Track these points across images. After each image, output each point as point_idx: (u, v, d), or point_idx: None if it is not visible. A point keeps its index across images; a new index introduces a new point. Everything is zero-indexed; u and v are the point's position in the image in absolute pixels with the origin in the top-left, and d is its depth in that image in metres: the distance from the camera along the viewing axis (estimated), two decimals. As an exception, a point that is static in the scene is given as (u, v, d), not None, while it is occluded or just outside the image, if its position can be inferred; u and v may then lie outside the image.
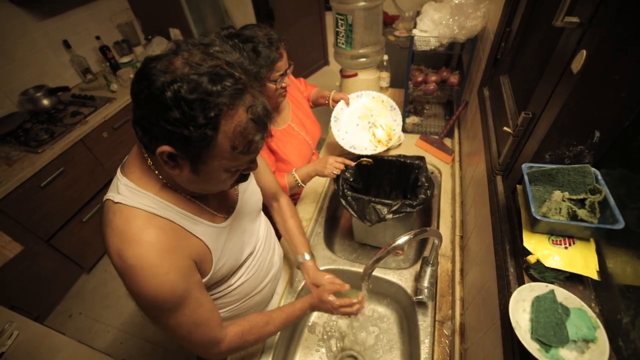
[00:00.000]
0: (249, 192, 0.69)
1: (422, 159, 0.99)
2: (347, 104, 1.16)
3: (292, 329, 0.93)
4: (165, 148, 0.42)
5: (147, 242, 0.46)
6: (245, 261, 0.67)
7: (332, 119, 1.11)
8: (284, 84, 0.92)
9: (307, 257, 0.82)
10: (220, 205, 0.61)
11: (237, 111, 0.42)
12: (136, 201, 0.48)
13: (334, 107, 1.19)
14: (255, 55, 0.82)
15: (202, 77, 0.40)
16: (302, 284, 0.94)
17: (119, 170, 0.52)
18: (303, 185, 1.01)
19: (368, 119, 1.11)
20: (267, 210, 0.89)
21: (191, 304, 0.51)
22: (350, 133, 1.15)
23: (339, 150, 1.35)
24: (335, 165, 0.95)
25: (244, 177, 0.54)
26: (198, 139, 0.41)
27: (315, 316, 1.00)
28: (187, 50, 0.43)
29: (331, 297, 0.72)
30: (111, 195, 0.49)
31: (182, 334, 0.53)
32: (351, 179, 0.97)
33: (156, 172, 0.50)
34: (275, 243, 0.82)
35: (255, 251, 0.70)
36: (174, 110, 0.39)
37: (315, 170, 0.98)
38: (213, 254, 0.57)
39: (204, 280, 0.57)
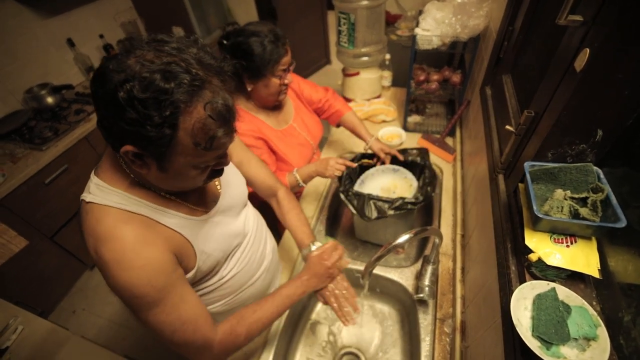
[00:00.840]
0: (233, 186, 0.68)
1: (424, 150, 0.98)
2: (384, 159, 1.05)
3: (294, 326, 0.93)
4: (129, 147, 0.42)
5: (121, 237, 0.47)
6: (234, 253, 0.66)
7: (359, 181, 1.02)
8: (286, 81, 0.93)
9: (314, 247, 0.76)
10: (200, 200, 0.60)
11: (196, 107, 0.42)
12: (106, 199, 0.49)
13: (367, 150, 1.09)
14: (262, 50, 0.83)
15: (154, 75, 0.39)
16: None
17: (92, 171, 0.53)
18: (304, 185, 1.01)
19: (389, 194, 1.02)
20: (263, 205, 0.88)
21: (173, 299, 0.50)
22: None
23: (339, 151, 1.36)
24: (336, 167, 0.95)
25: (217, 173, 0.54)
26: (157, 137, 0.41)
27: (316, 313, 1.00)
28: (140, 48, 0.42)
29: (316, 254, 0.69)
30: (84, 195, 0.50)
31: (166, 332, 0.51)
32: (352, 176, 0.98)
33: (128, 170, 0.50)
34: (267, 235, 0.81)
35: (245, 243, 0.69)
36: (130, 110, 0.39)
37: (317, 171, 0.98)
38: (195, 247, 0.56)
39: (191, 273, 0.56)
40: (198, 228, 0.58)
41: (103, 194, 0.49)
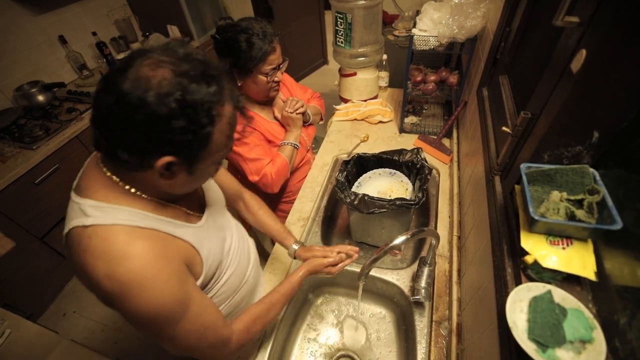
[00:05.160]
0: (211, 189, 0.70)
1: (418, 150, 0.98)
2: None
3: (289, 328, 0.92)
4: (166, 159, 0.42)
5: (137, 255, 0.44)
6: (227, 254, 0.67)
7: (357, 184, 1.04)
8: (276, 79, 0.93)
9: (296, 246, 0.82)
10: (191, 204, 0.60)
11: (224, 105, 0.45)
12: (112, 218, 0.45)
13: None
14: (248, 47, 0.83)
15: (201, 83, 0.41)
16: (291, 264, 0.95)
17: (73, 195, 0.48)
18: (299, 146, 1.06)
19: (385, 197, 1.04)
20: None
21: (194, 307, 0.50)
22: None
23: (335, 152, 1.35)
24: (293, 109, 1.01)
25: (218, 166, 0.56)
26: (200, 139, 0.43)
27: (311, 316, 0.99)
28: (154, 59, 0.41)
29: (326, 264, 0.75)
30: (78, 221, 0.44)
31: (191, 341, 0.51)
32: (350, 177, 0.98)
33: (120, 183, 0.48)
34: (246, 233, 0.82)
35: (233, 242, 0.70)
36: (179, 119, 0.40)
37: (296, 127, 1.05)
38: (201, 254, 0.56)
39: (199, 280, 0.56)
40: (200, 234, 0.58)
41: (105, 213, 0.45)
